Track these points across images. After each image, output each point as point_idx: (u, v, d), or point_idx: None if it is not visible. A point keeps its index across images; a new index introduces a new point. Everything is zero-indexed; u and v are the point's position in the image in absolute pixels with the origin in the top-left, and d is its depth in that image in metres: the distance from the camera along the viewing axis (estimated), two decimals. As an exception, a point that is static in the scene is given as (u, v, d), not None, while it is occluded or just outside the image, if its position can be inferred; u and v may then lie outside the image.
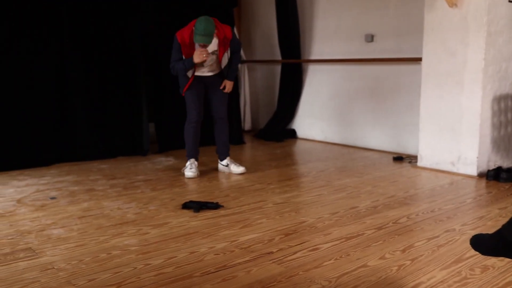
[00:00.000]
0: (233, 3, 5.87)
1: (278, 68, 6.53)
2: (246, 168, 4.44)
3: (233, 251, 2.52)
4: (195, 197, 3.54)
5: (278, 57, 6.42)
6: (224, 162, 4.42)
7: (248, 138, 6.31)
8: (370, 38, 5.33)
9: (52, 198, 3.53)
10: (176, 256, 2.45)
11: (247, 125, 6.86)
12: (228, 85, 4.25)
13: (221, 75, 4.27)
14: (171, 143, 5.41)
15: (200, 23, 3.78)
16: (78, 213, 3.18)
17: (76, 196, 3.58)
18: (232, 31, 4.12)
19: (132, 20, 5.06)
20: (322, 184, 3.95)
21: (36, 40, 4.59)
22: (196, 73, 4.15)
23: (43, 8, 4.59)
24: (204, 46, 3.91)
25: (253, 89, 7.00)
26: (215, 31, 3.93)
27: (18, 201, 3.46)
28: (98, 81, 4.99)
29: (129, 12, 5.05)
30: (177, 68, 4.07)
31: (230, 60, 4.24)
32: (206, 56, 3.91)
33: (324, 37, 5.87)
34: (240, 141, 5.95)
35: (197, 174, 4.25)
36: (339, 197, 3.56)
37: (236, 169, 4.34)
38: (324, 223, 2.96)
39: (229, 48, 4.15)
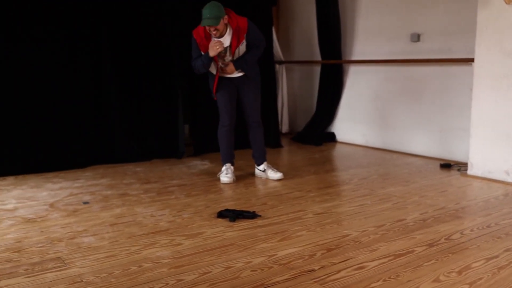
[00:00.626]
0: (272, 1, 5.69)
1: (317, 69, 6.31)
2: (284, 173, 4.25)
3: (271, 267, 2.34)
4: (231, 205, 3.38)
5: (318, 57, 6.20)
6: (261, 167, 4.26)
7: (286, 141, 6.12)
8: (416, 37, 5.04)
9: (85, 202, 3.44)
10: (210, 272, 2.28)
11: (284, 127, 6.67)
12: (229, 66, 3.95)
13: (251, 76, 4.07)
14: (206, 145, 5.27)
15: (205, 7, 3.70)
16: (110, 219, 3.07)
17: (109, 201, 3.48)
18: (249, 23, 3.90)
19: (168, 21, 4.96)
20: (364, 192, 3.72)
21: (73, 42, 4.55)
22: (226, 75, 4.03)
23: (80, 10, 4.54)
24: (216, 30, 3.73)
25: (291, 91, 6.80)
26: (226, 18, 3.77)
27: (51, 205, 3.38)
28: (134, 83, 4.91)
29: (165, 14, 4.95)
30: (197, 66, 3.94)
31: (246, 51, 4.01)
32: (219, 47, 3.76)
33: (367, 37, 5.62)
34: (277, 145, 5.77)
35: (233, 179, 4.09)
36: (384, 208, 3.32)
37: (273, 175, 4.17)
38: (369, 237, 2.74)
39: (244, 41, 3.91)
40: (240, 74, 4.04)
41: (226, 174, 4.09)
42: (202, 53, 3.91)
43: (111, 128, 4.81)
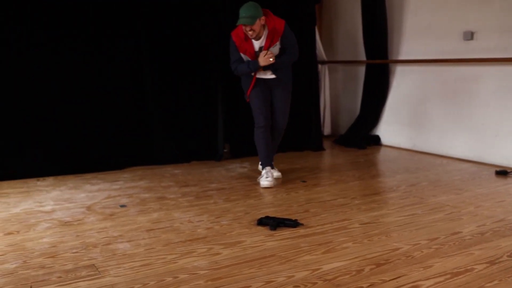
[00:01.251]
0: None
1: (361, 69, 6.07)
2: (327, 178, 4.06)
3: (316, 283, 2.16)
4: (271, 212, 3.22)
5: (362, 57, 5.95)
6: (260, 167, 4.17)
7: (327, 144, 5.90)
8: (470, 35, 4.73)
9: (122, 206, 3.36)
10: (250, 286, 2.13)
11: (326, 130, 6.45)
12: (267, 55, 3.77)
13: (283, 78, 4.00)
14: (245, 148, 5.12)
15: (242, 7, 3.68)
16: (147, 224, 2.97)
17: (146, 205, 3.39)
18: (286, 27, 3.85)
19: (207, 21, 4.84)
20: (414, 201, 3.48)
21: (112, 43, 4.50)
22: (259, 76, 3.95)
23: (119, 11, 4.49)
24: (252, 30, 3.68)
25: (333, 92, 6.57)
26: (263, 19, 3.73)
27: (88, 208, 3.32)
28: (173, 84, 4.83)
29: (205, 13, 4.84)
30: (240, 70, 3.92)
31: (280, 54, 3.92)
32: (272, 60, 3.78)
33: (415, 35, 5.34)
34: (319, 148, 5.56)
35: (274, 183, 3.94)
36: (437, 218, 3.08)
37: (274, 173, 4.14)
38: (422, 251, 2.52)
39: (278, 43, 3.84)
40: (273, 76, 3.96)
41: (266, 178, 3.94)
42: (241, 55, 3.86)
43: (150, 129, 4.74)
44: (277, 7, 4.87)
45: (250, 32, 3.70)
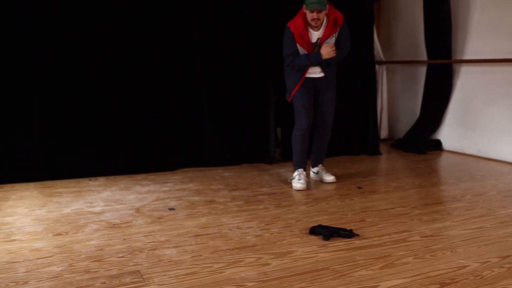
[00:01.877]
0: (374, -4, 5.26)
1: (422, 70, 5.74)
2: (384, 185, 3.84)
3: (373, 302, 1.97)
4: (324, 220, 3.05)
5: (423, 57, 5.63)
6: (315, 169, 4.11)
7: (384, 148, 5.63)
8: (545, 32, 4.35)
9: (171, 209, 3.29)
10: (300, 302, 1.97)
11: (383, 133, 6.17)
12: (327, 46, 3.66)
13: (330, 77, 3.87)
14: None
15: None
16: (194, 230, 2.87)
17: (195, 209, 3.30)
18: (344, 19, 3.77)
19: (261, 20, 4.72)
20: (481, 212, 3.19)
21: (165, 44, 4.47)
22: (308, 74, 3.80)
23: (172, 11, 4.45)
24: (318, 18, 3.57)
25: (391, 94, 6.28)
26: (328, 7, 3.64)
27: (137, 210, 3.27)
28: (225, 86, 4.75)
29: (259, 12, 4.71)
30: (297, 63, 3.73)
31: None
32: (335, 53, 3.68)
33: (482, 33, 4.98)
34: (375, 152, 5.31)
35: (307, 185, 3.82)
36: (508, 233, 2.79)
37: (327, 177, 4.04)
38: (493, 271, 2.27)
39: (335, 35, 3.74)
40: (321, 75, 3.83)
41: (299, 180, 3.83)
42: (298, 47, 3.69)
43: (202, 131, 4.67)
44: (334, 4, 4.67)
45: (315, 20, 3.57)
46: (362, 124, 5.32)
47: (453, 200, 3.52)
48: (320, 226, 2.81)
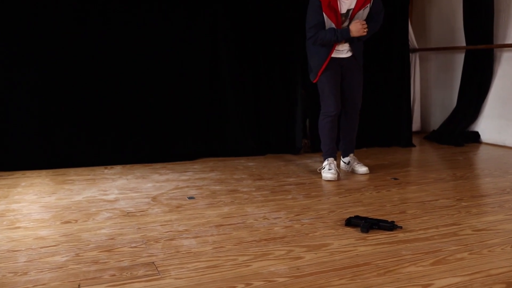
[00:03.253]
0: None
1: (459, 57, 5.36)
2: (421, 176, 3.50)
3: (429, 303, 1.66)
4: (361, 211, 2.73)
5: (461, 42, 5.25)
6: (346, 159, 3.81)
7: (416, 141, 5.26)
8: None
9: (190, 197, 3.01)
10: (341, 302, 1.67)
11: (415, 125, 5.79)
12: (358, 23, 3.33)
13: (358, 55, 3.56)
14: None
15: None
16: (216, 219, 2.59)
17: (216, 198, 3.01)
18: None
19: (289, 11, 4.40)
20: (538, 205, 2.84)
21: (188, 29, 4.20)
22: (333, 55, 3.47)
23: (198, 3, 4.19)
24: None
25: (424, 83, 5.90)
26: None
27: (153, 198, 3.00)
28: (250, 72, 4.46)
29: (287, 5, 4.41)
30: (321, 38, 3.39)
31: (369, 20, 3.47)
32: (365, 32, 3.35)
33: (528, 15, 4.59)
34: (409, 143, 4.95)
35: (338, 175, 3.51)
36: None
37: (360, 168, 3.72)
38: None
39: (368, 7, 3.41)
40: (349, 54, 3.52)
41: (329, 170, 3.52)
42: (325, 17, 3.36)
43: (225, 119, 4.39)
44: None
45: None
46: (395, 114, 4.98)
47: (502, 192, 3.16)
48: (357, 217, 2.50)
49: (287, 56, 4.49)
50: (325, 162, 3.59)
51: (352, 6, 3.37)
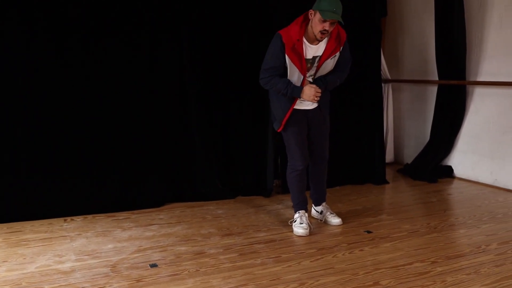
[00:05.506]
0: (382, 12, 4.83)
1: (432, 90, 5.31)
2: (397, 229, 3.39)
3: None
4: (332, 282, 2.59)
5: (433, 75, 5.20)
6: (319, 208, 3.67)
7: (391, 174, 5.19)
8: None
9: (153, 265, 2.83)
10: None
11: (388, 156, 5.71)
12: (313, 88, 3.13)
13: (326, 105, 3.43)
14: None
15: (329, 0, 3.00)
16: (178, 299, 2.41)
17: (181, 265, 2.83)
18: (346, 39, 3.28)
19: (260, 37, 4.26)
20: (513, 270, 2.75)
21: (152, 68, 4.01)
22: (297, 106, 3.29)
23: (161, 30, 4.00)
24: (332, 23, 3.05)
25: (397, 114, 5.83)
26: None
27: (113, 267, 2.80)
28: (219, 110, 4.30)
29: (257, 27, 4.26)
30: (273, 85, 3.21)
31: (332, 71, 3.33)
32: (317, 99, 3.18)
33: (499, 53, 4.55)
34: (382, 181, 4.86)
35: (310, 229, 3.37)
36: (552, 304, 2.35)
37: (332, 219, 3.58)
38: None
39: (337, 55, 3.24)
40: (316, 105, 3.34)
41: (301, 224, 3.38)
42: (288, 61, 3.13)
43: (193, 161, 4.21)
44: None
45: (325, 32, 3.06)
46: (369, 149, 4.89)
47: (477, 250, 3.07)
48: (328, 296, 2.36)
49: (257, 92, 4.33)
50: (296, 215, 3.45)
51: (319, 53, 3.20)
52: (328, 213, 3.62)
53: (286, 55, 3.12)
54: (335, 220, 3.57)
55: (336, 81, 3.33)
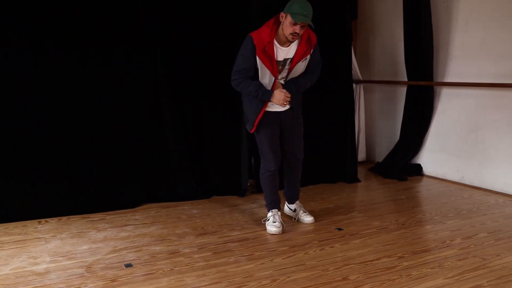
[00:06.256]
0: (352, 15, 4.94)
1: (401, 90, 5.46)
2: (367, 226, 3.51)
3: None
4: (303, 278, 2.68)
5: (403, 77, 5.35)
6: (293, 206, 3.76)
7: (362, 173, 5.32)
8: (532, 57, 4.11)
9: (128, 265, 2.87)
10: None
11: (360, 155, 5.86)
12: (283, 93, 3.20)
13: (298, 107, 3.49)
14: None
15: (301, 2, 3.06)
16: (153, 297, 2.47)
17: (155, 264, 2.88)
18: (317, 41, 3.34)
19: (231, 41, 4.33)
20: (475, 263, 2.88)
21: (127, 73, 4.04)
22: (268, 108, 3.35)
23: (135, 38, 4.03)
24: (303, 26, 3.10)
25: (369, 114, 5.98)
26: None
27: (88, 268, 2.84)
28: (193, 111, 4.34)
29: (228, 34, 4.32)
30: (244, 88, 3.27)
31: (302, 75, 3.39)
32: (287, 103, 3.26)
33: (465, 55, 4.72)
34: (354, 179, 4.98)
35: (282, 227, 3.46)
36: (509, 295, 2.49)
37: (305, 218, 3.68)
38: None
39: (308, 58, 3.30)
40: (288, 106, 3.40)
41: (274, 223, 3.47)
42: (259, 63, 3.17)
43: (167, 162, 4.26)
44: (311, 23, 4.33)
45: (296, 35, 3.11)
46: (341, 148, 5.00)
47: (442, 245, 3.20)
48: (298, 292, 2.45)
49: (231, 93, 4.38)
50: (269, 214, 3.54)
51: (290, 56, 3.26)
52: (301, 211, 3.71)
53: (257, 57, 3.17)
54: (307, 219, 3.66)
55: (307, 83, 3.40)
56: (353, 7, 5.29)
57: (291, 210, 3.77)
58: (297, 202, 3.77)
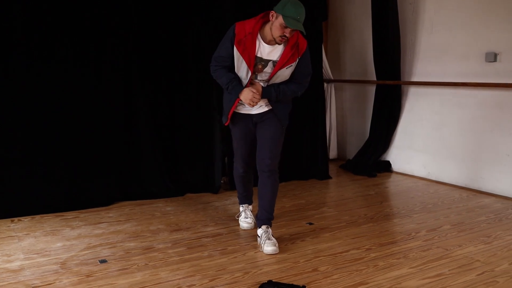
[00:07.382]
0: (323, 16, 5.06)
1: (371, 89, 5.62)
2: (337, 219, 3.62)
3: None
4: (274, 270, 2.78)
5: (372, 77, 5.51)
6: (259, 231, 3.18)
7: (333, 170, 5.46)
8: (493, 57, 4.30)
9: (102, 261, 2.91)
10: None
11: (332, 153, 6.01)
12: (251, 92, 2.96)
13: (279, 115, 3.14)
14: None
15: (296, 5, 2.83)
16: (128, 291, 2.52)
17: (130, 260, 2.93)
18: (307, 48, 3.07)
19: (206, 39, 4.40)
20: (438, 253, 3.03)
21: (99, 70, 4.05)
22: (242, 111, 3.15)
23: (107, 33, 4.05)
24: (292, 31, 2.89)
25: (340, 112, 6.13)
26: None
27: (63, 264, 2.86)
28: (166, 109, 4.39)
29: (204, 31, 4.39)
30: (219, 76, 3.06)
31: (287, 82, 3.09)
32: (255, 103, 3.01)
33: (431, 55, 4.90)
34: (325, 176, 5.11)
35: (254, 223, 3.52)
36: (468, 281, 2.63)
37: (266, 247, 3.03)
38: (459, 338, 2.07)
39: (294, 64, 3.01)
40: (262, 110, 3.13)
41: (245, 219, 3.55)
42: (236, 53, 2.96)
43: (140, 159, 4.29)
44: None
45: (284, 38, 2.89)
46: (312, 146, 5.13)
47: (407, 237, 3.34)
48: (270, 283, 2.53)
49: (205, 91, 4.47)
50: (241, 209, 3.61)
51: (274, 58, 2.99)
52: (266, 238, 3.08)
53: (234, 47, 2.96)
54: (268, 248, 3.03)
55: (288, 93, 3.07)
56: (323, 8, 5.41)
57: (258, 236, 3.20)
58: (264, 227, 3.16)
